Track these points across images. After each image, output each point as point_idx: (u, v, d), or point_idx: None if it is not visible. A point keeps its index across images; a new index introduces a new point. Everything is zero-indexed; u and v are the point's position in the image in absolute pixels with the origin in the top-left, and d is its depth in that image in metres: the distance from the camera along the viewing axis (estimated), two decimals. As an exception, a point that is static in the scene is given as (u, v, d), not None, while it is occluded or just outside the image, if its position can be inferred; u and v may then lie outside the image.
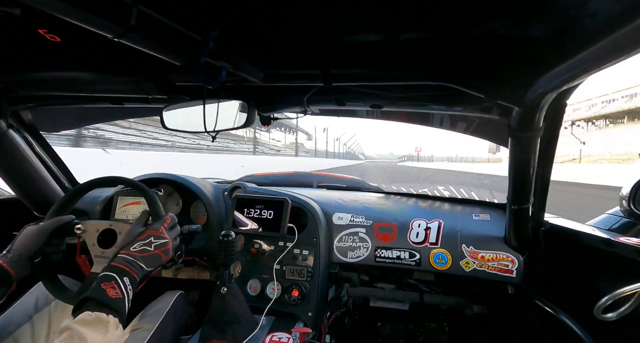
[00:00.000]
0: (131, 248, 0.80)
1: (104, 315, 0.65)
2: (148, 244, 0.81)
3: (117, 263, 0.76)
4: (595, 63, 0.51)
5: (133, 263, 0.77)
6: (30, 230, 0.91)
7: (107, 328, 0.64)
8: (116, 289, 0.69)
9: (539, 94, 0.67)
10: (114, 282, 0.70)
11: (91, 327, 0.62)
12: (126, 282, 0.72)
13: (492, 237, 1.18)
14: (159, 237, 0.84)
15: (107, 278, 0.71)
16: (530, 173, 0.91)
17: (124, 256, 0.78)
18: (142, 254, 0.79)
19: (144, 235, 0.84)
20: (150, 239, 0.83)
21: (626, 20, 0.42)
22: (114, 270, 0.74)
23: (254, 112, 1.01)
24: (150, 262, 0.80)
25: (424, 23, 0.65)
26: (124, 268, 0.74)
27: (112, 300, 0.68)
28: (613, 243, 0.89)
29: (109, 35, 0.53)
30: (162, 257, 0.83)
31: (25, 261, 0.86)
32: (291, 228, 1.22)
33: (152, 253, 0.81)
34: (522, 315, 1.25)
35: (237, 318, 0.98)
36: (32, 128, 1.30)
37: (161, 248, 0.83)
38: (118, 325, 0.66)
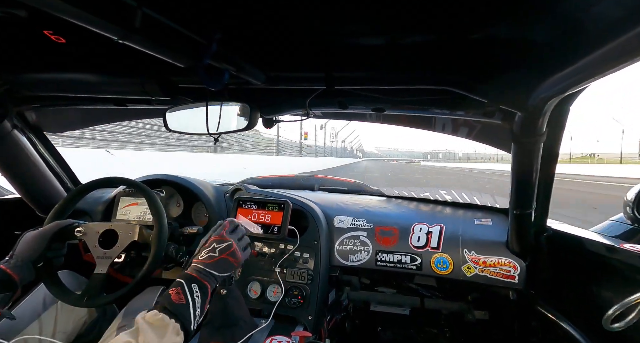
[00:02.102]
0: (199, 257, 0.82)
1: (167, 317, 0.67)
2: (212, 250, 0.83)
3: (187, 271, 0.78)
4: (599, 68, 0.51)
5: (202, 271, 0.78)
6: (30, 236, 0.92)
7: (165, 331, 0.66)
8: (180, 295, 0.72)
9: (542, 99, 0.66)
10: (179, 288, 0.73)
11: (152, 327, 0.65)
12: (194, 289, 0.74)
13: (494, 242, 1.17)
14: (221, 241, 0.85)
15: (175, 284, 0.74)
16: (533, 179, 0.90)
17: (194, 265, 0.80)
18: (209, 261, 0.81)
19: (207, 242, 0.86)
20: (213, 245, 0.84)
21: (630, 25, 0.42)
22: (183, 277, 0.76)
23: (256, 115, 1.02)
24: (220, 268, 0.81)
25: (426, 26, 0.65)
26: (193, 275, 0.77)
27: (173, 304, 0.70)
28: (616, 250, 0.88)
29: (113, 37, 0.54)
30: (230, 260, 0.84)
31: (28, 266, 0.87)
32: (292, 231, 1.22)
33: (219, 258, 0.82)
34: (524, 321, 1.24)
35: (236, 320, 0.97)
36: (37, 128, 1.31)
37: (226, 252, 0.84)
38: (179, 332, 0.68)
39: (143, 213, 1.27)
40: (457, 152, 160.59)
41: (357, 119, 1.30)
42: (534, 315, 1.14)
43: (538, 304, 1.12)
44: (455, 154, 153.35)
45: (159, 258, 0.99)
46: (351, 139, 62.41)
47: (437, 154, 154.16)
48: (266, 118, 1.11)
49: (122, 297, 0.96)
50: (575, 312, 1.00)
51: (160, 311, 0.68)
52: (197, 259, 0.82)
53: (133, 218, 1.28)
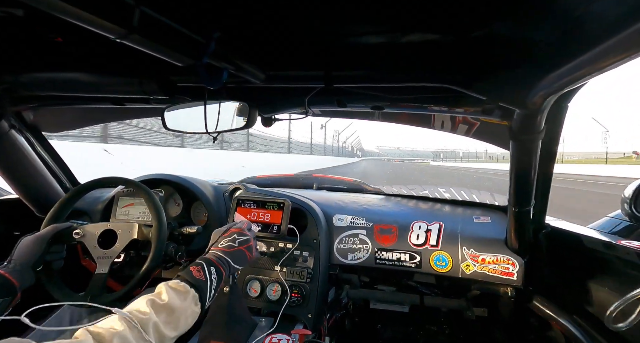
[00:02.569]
0: (219, 245, 0.86)
1: (188, 286, 0.71)
2: (232, 240, 0.87)
3: (207, 256, 0.82)
4: (598, 65, 0.51)
5: (220, 257, 0.82)
6: (28, 240, 0.91)
7: (186, 297, 0.70)
8: (200, 272, 0.76)
9: (540, 96, 0.66)
10: (200, 267, 0.77)
11: (174, 291, 0.69)
12: (212, 271, 0.78)
13: (493, 239, 1.18)
14: (242, 234, 0.90)
15: (195, 264, 0.78)
16: (531, 176, 0.91)
17: (213, 251, 0.84)
18: (229, 250, 0.85)
19: (228, 232, 0.90)
20: (234, 236, 0.89)
21: (629, 22, 0.42)
22: (203, 259, 0.80)
23: (255, 113, 1.02)
24: (237, 259, 0.85)
25: (425, 24, 0.65)
26: (212, 259, 0.81)
27: (194, 278, 0.73)
28: (614, 246, 0.89)
29: (111, 36, 0.53)
30: (247, 254, 0.88)
31: (27, 271, 0.87)
32: (291, 229, 1.22)
33: (237, 249, 0.87)
34: (523, 318, 1.25)
35: (237, 319, 0.98)
36: (34, 128, 1.30)
37: (244, 245, 0.88)
38: (197, 302, 0.72)
39: (142, 213, 1.27)
40: (459, 151, 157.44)
41: (356, 117, 1.30)
42: (533, 312, 1.15)
43: (537, 301, 1.13)
44: (457, 153, 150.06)
45: (159, 256, 0.99)
46: (350, 137, 58.50)
47: (438, 154, 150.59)
48: (265, 117, 1.11)
49: (124, 295, 0.96)
50: (573, 308, 1.01)
51: (182, 281, 0.72)
52: (216, 247, 0.85)
53: (132, 217, 1.28)
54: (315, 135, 31.79)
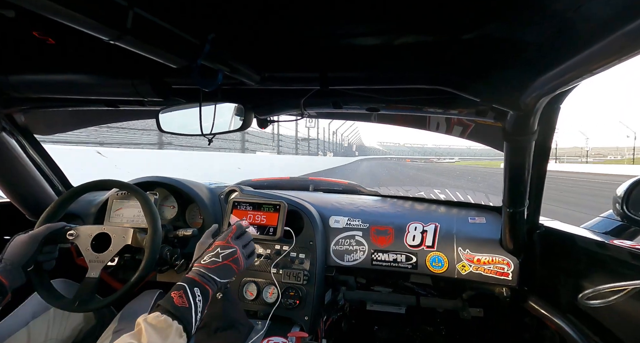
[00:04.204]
0: (202, 261, 0.81)
1: (170, 319, 0.67)
2: (216, 255, 0.82)
3: (190, 275, 0.77)
4: (589, 67, 0.52)
5: (204, 275, 0.78)
6: (20, 239, 0.90)
7: (169, 333, 0.65)
8: (183, 298, 0.71)
9: (533, 98, 0.67)
10: (182, 291, 0.72)
11: (155, 329, 0.65)
12: (196, 293, 0.73)
13: (488, 240, 1.19)
14: (226, 247, 0.84)
15: (177, 287, 0.73)
16: (525, 176, 0.91)
17: (197, 269, 0.79)
18: (212, 266, 0.80)
19: (211, 247, 0.85)
20: (217, 250, 0.83)
21: (618, 25, 0.43)
22: (186, 280, 0.75)
23: (250, 115, 1.01)
24: (222, 274, 0.80)
25: (419, 27, 0.66)
26: (195, 279, 0.76)
27: (176, 307, 0.69)
28: (607, 246, 0.90)
29: (104, 38, 0.53)
30: (233, 266, 0.83)
31: (18, 270, 0.85)
32: (288, 231, 1.22)
33: (221, 264, 0.81)
34: (518, 318, 1.26)
35: (233, 323, 0.97)
36: (26, 131, 1.29)
37: (229, 258, 0.83)
38: (182, 334, 0.67)
39: (136, 216, 1.26)
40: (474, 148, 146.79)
41: (351, 118, 1.30)
42: (528, 311, 1.15)
43: (531, 301, 1.14)
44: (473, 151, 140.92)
45: (153, 263, 0.98)
46: (346, 132, 48.27)
47: (450, 151, 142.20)
48: (261, 118, 1.11)
49: (115, 301, 0.95)
50: (568, 307, 1.02)
51: (163, 313, 0.68)
52: (199, 263, 0.81)
53: (126, 221, 1.26)
54: (304, 129, 25.87)
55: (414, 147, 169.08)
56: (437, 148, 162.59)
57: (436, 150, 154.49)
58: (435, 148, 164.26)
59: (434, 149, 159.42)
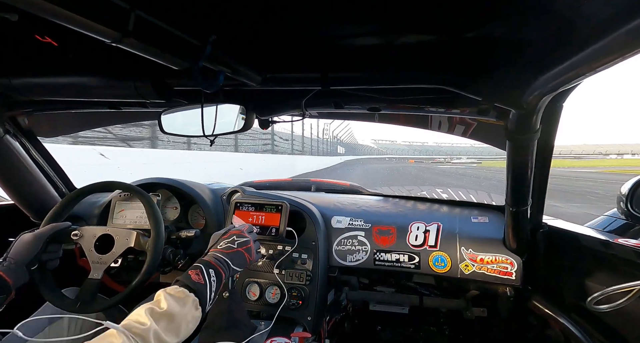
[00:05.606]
0: (218, 246, 0.87)
1: (187, 291, 0.71)
2: (232, 242, 0.88)
3: (206, 258, 0.82)
4: (591, 65, 0.51)
5: (219, 259, 0.82)
6: (26, 238, 0.91)
7: (186, 301, 0.70)
8: (199, 276, 0.76)
9: (535, 96, 0.67)
10: (199, 270, 0.77)
11: (173, 297, 0.69)
12: (210, 273, 0.78)
13: (491, 239, 1.18)
14: (241, 236, 0.91)
15: (194, 267, 0.78)
16: (528, 175, 0.91)
17: (213, 253, 0.84)
18: (227, 251, 0.85)
19: (227, 234, 0.91)
20: (233, 237, 0.89)
21: (620, 23, 0.43)
22: (202, 262, 0.80)
23: (252, 116, 1.01)
24: (236, 260, 0.86)
25: (421, 26, 0.66)
26: (211, 262, 0.81)
27: (193, 282, 0.74)
28: (611, 245, 0.89)
29: (106, 40, 0.53)
30: (246, 255, 0.89)
31: (22, 269, 0.86)
32: (290, 232, 1.22)
33: (236, 250, 0.87)
34: (522, 318, 1.25)
35: (236, 323, 0.97)
36: (30, 133, 1.30)
37: (244, 246, 0.89)
38: (198, 307, 0.72)
39: (140, 217, 1.26)
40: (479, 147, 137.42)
41: (353, 118, 1.30)
42: (531, 311, 1.15)
43: (535, 300, 1.13)
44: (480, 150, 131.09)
45: (155, 265, 0.98)
46: (339, 131, 41.62)
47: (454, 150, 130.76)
48: (262, 119, 1.11)
49: (117, 303, 0.95)
50: (572, 307, 1.01)
51: (181, 286, 0.72)
52: (215, 248, 0.86)
53: (129, 222, 1.27)
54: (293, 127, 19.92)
55: (413, 145, 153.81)
56: (438, 146, 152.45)
57: (438, 149, 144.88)
58: (436, 146, 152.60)
59: (436, 148, 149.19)
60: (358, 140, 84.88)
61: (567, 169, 30.41)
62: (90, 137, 7.14)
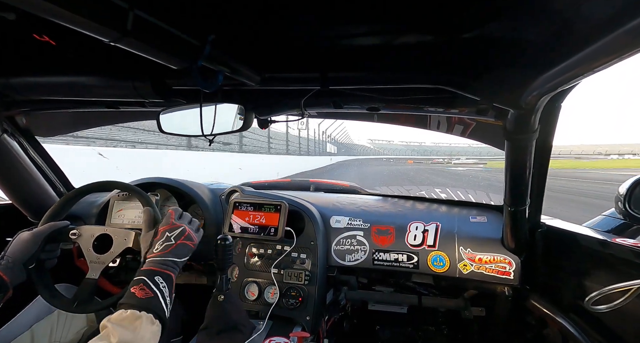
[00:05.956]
0: (154, 250, 0.82)
1: (137, 312, 0.68)
2: (167, 240, 0.84)
3: (146, 267, 0.78)
4: (589, 66, 0.52)
5: (162, 262, 0.79)
6: (24, 236, 0.90)
7: (137, 325, 0.66)
8: (145, 290, 0.72)
9: (534, 97, 0.67)
10: (142, 284, 0.73)
11: (122, 325, 0.65)
12: (157, 281, 0.74)
13: (490, 239, 1.18)
14: (173, 228, 0.86)
15: (135, 282, 0.74)
16: (526, 175, 0.91)
17: (151, 259, 0.80)
18: (166, 250, 0.81)
19: (158, 234, 0.86)
20: (166, 235, 0.85)
21: (619, 23, 0.43)
22: (142, 273, 0.76)
23: (251, 116, 1.01)
24: (179, 253, 0.82)
25: (420, 26, 0.66)
26: (153, 269, 0.77)
27: (140, 300, 0.70)
28: (609, 244, 0.90)
29: (104, 40, 0.53)
30: (188, 243, 0.85)
31: (19, 268, 0.86)
32: (289, 231, 1.22)
33: (176, 244, 0.83)
34: (521, 317, 1.25)
35: (234, 325, 0.97)
36: (27, 133, 1.29)
37: (182, 237, 0.85)
38: (154, 321, 0.69)
39: (138, 217, 1.26)
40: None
41: (352, 118, 1.30)
42: (530, 310, 1.15)
43: (533, 299, 1.13)
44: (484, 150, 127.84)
45: None
46: (333, 131, 38.77)
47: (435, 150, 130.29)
48: (261, 119, 1.11)
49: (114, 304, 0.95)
50: (570, 306, 1.02)
51: (127, 309, 0.68)
52: (151, 254, 0.81)
53: (128, 222, 1.27)
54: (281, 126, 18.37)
55: (410, 145, 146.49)
56: (436, 146, 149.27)
57: (436, 150, 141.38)
58: (434, 147, 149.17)
59: (434, 148, 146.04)
60: (354, 140, 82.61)
61: (580, 171, 26.56)
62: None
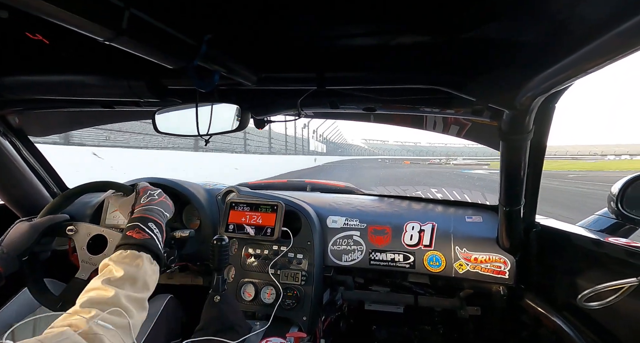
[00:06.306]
0: (141, 202, 0.84)
1: (136, 252, 0.68)
2: (150, 195, 0.87)
3: (136, 215, 0.79)
4: (583, 67, 0.52)
5: (151, 209, 0.81)
6: (22, 227, 0.89)
7: (139, 262, 0.67)
8: (141, 233, 0.73)
9: (528, 97, 0.68)
10: (137, 228, 0.74)
11: (125, 262, 0.66)
12: (150, 226, 0.75)
13: (485, 238, 1.19)
14: (153, 190, 0.90)
15: (130, 227, 0.75)
16: (521, 175, 0.92)
17: (140, 209, 0.82)
18: (153, 202, 0.84)
19: (140, 192, 0.88)
20: (149, 192, 0.88)
21: (612, 25, 0.44)
22: (136, 219, 0.77)
23: (247, 116, 1.01)
24: (163, 206, 0.85)
25: (416, 27, 0.66)
26: (144, 216, 0.78)
27: (138, 240, 0.71)
28: (602, 243, 0.91)
29: (99, 39, 0.52)
30: (168, 202, 0.89)
31: (13, 259, 0.85)
32: (285, 232, 1.21)
33: (159, 200, 0.86)
34: (516, 316, 1.26)
35: (231, 325, 0.97)
36: (20, 133, 1.27)
37: (162, 195, 0.89)
38: (152, 261, 0.70)
39: None
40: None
41: (348, 118, 1.30)
42: (525, 309, 1.16)
43: (528, 298, 1.14)
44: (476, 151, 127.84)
45: None
46: (327, 131, 39.17)
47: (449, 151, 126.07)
48: (257, 119, 1.10)
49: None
50: (564, 305, 1.03)
51: (127, 249, 0.68)
52: (139, 205, 0.83)
53: (122, 222, 1.25)
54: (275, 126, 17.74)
55: (405, 145, 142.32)
56: (431, 147, 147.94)
57: (432, 150, 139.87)
58: (430, 147, 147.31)
59: (429, 148, 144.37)
60: (348, 140, 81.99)
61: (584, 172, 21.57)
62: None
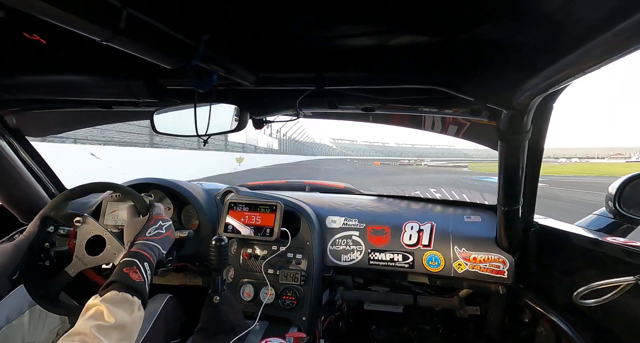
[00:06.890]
0: (147, 233, 0.83)
1: (130, 296, 0.67)
2: (159, 228, 0.85)
3: (137, 249, 0.77)
4: (580, 67, 0.52)
5: (152, 247, 0.79)
6: (4, 248, 0.87)
7: (132, 308, 0.66)
8: (138, 273, 0.71)
9: (526, 97, 0.68)
10: (135, 267, 0.72)
11: (119, 306, 0.64)
12: (146, 267, 0.74)
13: (484, 238, 1.20)
14: (165, 219, 0.89)
15: (129, 263, 0.73)
16: (519, 175, 0.92)
17: (143, 242, 0.80)
18: (157, 237, 0.83)
19: (152, 220, 0.87)
20: (159, 223, 0.87)
21: (609, 24, 0.44)
22: (136, 256, 0.75)
23: (246, 116, 1.01)
24: (164, 245, 0.84)
25: (414, 28, 0.66)
26: (144, 253, 0.77)
27: (135, 283, 0.69)
28: (600, 243, 0.91)
29: (97, 39, 0.52)
30: (172, 237, 0.88)
31: (2, 281, 0.84)
32: (284, 232, 1.21)
33: (165, 235, 0.85)
34: (514, 315, 1.27)
35: (230, 326, 0.97)
36: (18, 133, 1.27)
37: (170, 230, 0.88)
38: (140, 307, 0.68)
39: None
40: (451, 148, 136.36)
41: (347, 118, 1.30)
42: (524, 308, 1.16)
43: (527, 298, 1.15)
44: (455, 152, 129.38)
45: None
46: (289, 129, 33.07)
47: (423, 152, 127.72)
48: (256, 119, 1.10)
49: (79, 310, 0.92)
50: (562, 304, 1.03)
51: (121, 291, 0.67)
52: (144, 236, 0.82)
53: (121, 223, 1.25)
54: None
55: (373, 145, 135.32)
56: (399, 147, 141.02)
57: (400, 150, 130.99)
58: (397, 147, 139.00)
59: (397, 148, 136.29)
60: (315, 139, 75.37)
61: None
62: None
